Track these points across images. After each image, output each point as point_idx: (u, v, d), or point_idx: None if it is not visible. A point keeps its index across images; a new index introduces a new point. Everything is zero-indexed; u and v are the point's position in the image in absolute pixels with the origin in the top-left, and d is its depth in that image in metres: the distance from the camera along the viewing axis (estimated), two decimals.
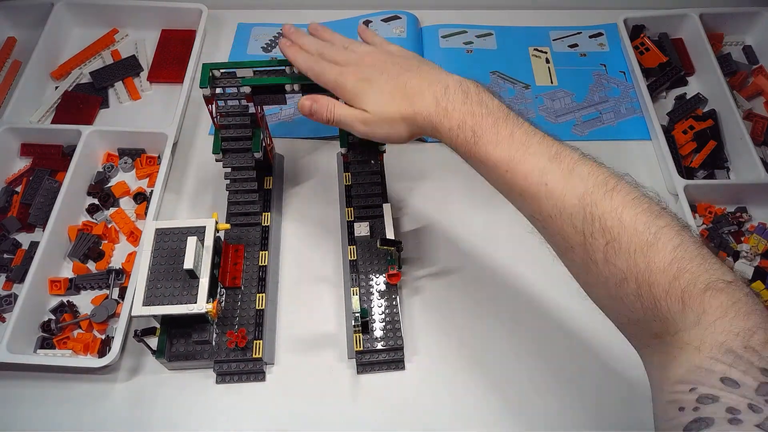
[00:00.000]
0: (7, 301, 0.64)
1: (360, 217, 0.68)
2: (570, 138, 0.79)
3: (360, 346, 0.60)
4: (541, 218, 0.44)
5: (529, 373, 0.61)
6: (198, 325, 0.59)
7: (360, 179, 0.68)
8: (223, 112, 0.64)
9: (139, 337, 0.57)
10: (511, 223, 0.69)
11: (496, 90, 0.82)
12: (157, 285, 0.56)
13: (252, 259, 0.66)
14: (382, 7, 0.90)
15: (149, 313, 0.55)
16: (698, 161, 0.75)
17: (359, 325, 0.58)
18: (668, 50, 0.85)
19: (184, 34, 0.87)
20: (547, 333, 0.64)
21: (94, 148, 0.75)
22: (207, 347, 0.60)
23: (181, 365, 0.60)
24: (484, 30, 0.90)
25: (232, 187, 0.68)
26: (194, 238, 0.56)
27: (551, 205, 0.42)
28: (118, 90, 0.83)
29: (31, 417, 0.59)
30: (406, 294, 0.66)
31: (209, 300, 0.56)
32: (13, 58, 0.86)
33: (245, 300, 0.63)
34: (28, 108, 0.79)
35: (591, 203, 0.41)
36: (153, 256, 0.57)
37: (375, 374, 0.61)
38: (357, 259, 0.65)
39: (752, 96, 0.82)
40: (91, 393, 0.60)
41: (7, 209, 0.71)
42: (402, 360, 0.61)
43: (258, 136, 0.65)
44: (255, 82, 0.59)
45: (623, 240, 0.39)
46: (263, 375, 0.61)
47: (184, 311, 0.55)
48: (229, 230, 0.66)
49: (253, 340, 0.60)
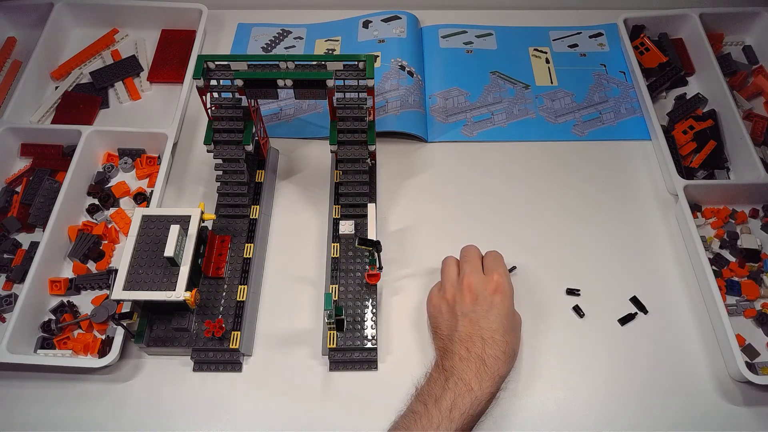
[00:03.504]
0: (7, 301, 0.64)
1: (346, 215, 0.68)
2: (570, 138, 0.79)
3: (333, 343, 0.60)
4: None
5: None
6: (178, 312, 0.60)
7: (349, 177, 0.68)
8: (216, 104, 0.65)
9: (117, 320, 0.58)
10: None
11: (495, 90, 0.83)
12: (139, 271, 0.57)
13: (237, 250, 0.66)
14: (382, 7, 0.90)
15: (129, 297, 0.56)
16: (698, 161, 0.75)
17: (333, 322, 0.59)
18: (668, 50, 0.85)
19: (184, 34, 0.87)
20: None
21: (94, 148, 0.75)
22: (186, 335, 0.60)
23: (159, 351, 0.61)
24: (484, 30, 0.90)
25: (222, 178, 0.68)
26: (177, 227, 0.56)
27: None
28: (118, 90, 0.83)
29: (31, 417, 0.59)
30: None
31: (189, 288, 0.56)
32: (13, 58, 0.86)
33: (227, 291, 0.63)
34: (28, 108, 0.79)
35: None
36: (137, 242, 0.58)
37: (347, 372, 0.61)
38: (339, 257, 0.66)
39: (752, 96, 0.82)
40: (91, 393, 0.60)
41: (7, 209, 0.71)
42: (375, 360, 0.61)
43: (250, 129, 0.66)
44: (248, 75, 0.60)
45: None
46: (240, 366, 0.61)
47: (162, 298, 0.56)
48: (217, 221, 0.68)
49: (232, 331, 0.61)
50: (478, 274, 0.60)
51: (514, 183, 0.75)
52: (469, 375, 0.53)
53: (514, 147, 0.78)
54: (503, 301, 0.58)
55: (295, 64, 0.61)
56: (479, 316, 0.57)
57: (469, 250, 0.64)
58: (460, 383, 0.53)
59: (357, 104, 0.64)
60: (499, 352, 0.55)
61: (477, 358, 0.54)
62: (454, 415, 0.51)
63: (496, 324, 0.56)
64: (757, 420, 0.59)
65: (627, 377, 0.61)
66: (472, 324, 0.57)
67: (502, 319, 0.57)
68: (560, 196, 0.74)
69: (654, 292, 0.66)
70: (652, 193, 0.74)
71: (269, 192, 0.73)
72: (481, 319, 0.57)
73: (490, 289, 0.58)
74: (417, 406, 0.53)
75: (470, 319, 0.57)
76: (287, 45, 0.88)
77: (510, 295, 0.59)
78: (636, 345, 0.63)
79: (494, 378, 0.54)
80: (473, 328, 0.56)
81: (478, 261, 0.62)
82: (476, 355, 0.54)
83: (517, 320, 0.60)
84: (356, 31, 0.88)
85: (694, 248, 0.65)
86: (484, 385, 0.53)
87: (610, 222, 0.72)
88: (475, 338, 0.56)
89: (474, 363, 0.54)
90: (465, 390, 0.53)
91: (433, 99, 0.82)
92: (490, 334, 0.56)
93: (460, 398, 0.52)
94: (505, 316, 0.57)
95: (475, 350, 0.55)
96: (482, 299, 0.58)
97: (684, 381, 0.61)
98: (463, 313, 0.58)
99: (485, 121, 0.80)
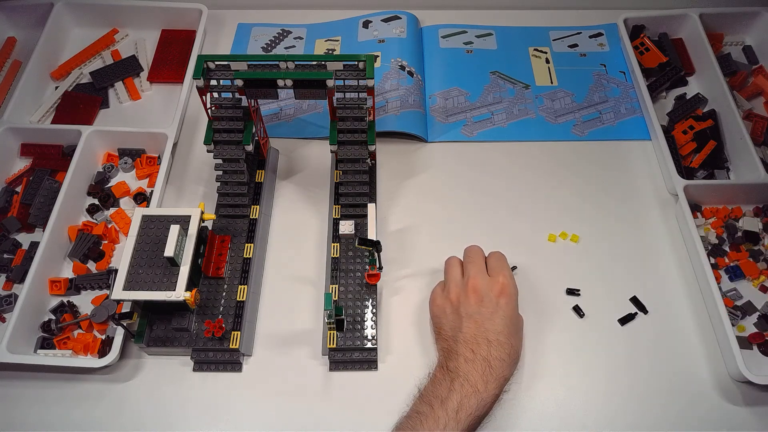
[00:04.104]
0: (7, 302, 0.64)
1: (346, 215, 0.68)
2: (570, 138, 0.79)
3: (333, 343, 0.60)
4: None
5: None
6: (178, 312, 0.60)
7: (349, 177, 0.68)
8: (216, 104, 0.65)
9: (117, 320, 0.57)
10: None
11: (495, 90, 0.83)
12: (139, 270, 0.57)
13: (237, 250, 0.66)
14: (382, 7, 0.90)
15: (129, 297, 0.56)
16: (698, 161, 0.75)
17: (333, 322, 0.59)
18: (668, 50, 0.85)
19: (184, 34, 0.87)
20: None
21: (94, 148, 0.75)
22: (186, 335, 0.61)
23: (159, 351, 0.61)
24: (484, 30, 0.90)
25: (222, 178, 0.68)
26: (177, 227, 0.56)
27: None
28: (118, 90, 0.83)
29: (31, 417, 0.59)
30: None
31: (189, 288, 0.56)
32: (13, 58, 0.86)
33: (228, 291, 0.63)
34: (28, 108, 0.79)
35: None
36: (137, 242, 0.58)
37: (347, 372, 0.61)
38: (339, 257, 0.66)
39: (752, 96, 0.82)
40: (91, 393, 0.60)
41: (7, 209, 0.71)
42: (375, 360, 0.61)
43: (250, 129, 0.66)
44: (248, 75, 0.60)
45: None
46: (240, 366, 0.61)
47: (162, 298, 0.56)
48: (217, 221, 0.68)
49: (232, 331, 0.61)
50: (483, 276, 0.60)
51: (514, 183, 0.75)
52: (475, 376, 0.53)
53: (514, 147, 0.78)
54: (508, 304, 0.58)
55: (295, 64, 0.61)
56: (484, 317, 0.57)
57: (472, 250, 0.63)
58: (466, 384, 0.53)
59: (357, 104, 0.64)
60: (504, 354, 0.55)
61: (483, 360, 0.54)
62: (460, 417, 0.51)
63: (501, 326, 0.56)
64: (757, 420, 0.59)
65: (627, 377, 0.61)
66: (477, 326, 0.57)
67: (507, 322, 0.57)
68: (560, 197, 0.74)
69: (654, 292, 0.66)
70: (652, 193, 0.74)
71: (269, 192, 0.73)
72: (486, 321, 0.57)
73: (496, 291, 0.58)
74: (422, 407, 0.53)
75: (475, 321, 0.57)
76: (287, 45, 0.88)
77: (515, 298, 0.59)
78: (636, 345, 0.63)
79: (499, 380, 0.54)
80: (478, 330, 0.56)
81: (482, 262, 0.62)
82: (482, 357, 0.54)
83: (521, 322, 0.60)
84: (356, 31, 0.88)
85: (694, 248, 0.65)
86: (490, 386, 0.53)
87: (610, 222, 0.72)
88: (480, 340, 0.56)
89: (480, 365, 0.54)
90: (471, 391, 0.53)
91: (433, 99, 0.82)
92: (495, 336, 0.56)
93: (467, 399, 0.52)
94: (509, 318, 0.57)
95: (480, 352, 0.55)
96: (487, 301, 0.58)
97: (684, 381, 0.61)
98: (467, 315, 0.58)
99: (485, 121, 0.80)
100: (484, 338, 0.56)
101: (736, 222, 0.71)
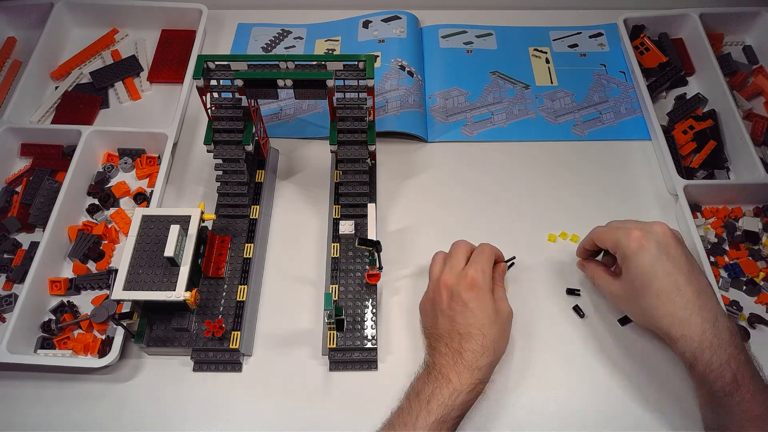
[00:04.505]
0: (7, 302, 0.64)
1: (346, 215, 0.68)
2: (570, 138, 0.79)
3: (333, 343, 0.60)
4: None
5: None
6: (178, 312, 0.60)
7: (349, 177, 0.68)
8: (216, 104, 0.65)
9: (117, 320, 0.58)
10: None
11: (495, 90, 0.83)
12: (139, 270, 0.57)
13: (237, 250, 0.66)
14: (382, 7, 0.90)
15: (129, 297, 0.56)
16: (698, 161, 0.75)
17: (333, 322, 0.59)
18: (668, 50, 0.85)
19: (184, 34, 0.87)
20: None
21: (94, 148, 0.75)
22: (186, 335, 0.61)
23: (159, 351, 0.61)
24: (484, 30, 0.90)
25: (222, 178, 0.68)
26: (177, 227, 0.56)
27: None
28: (118, 90, 0.83)
29: (31, 417, 0.59)
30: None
31: (189, 288, 0.56)
32: (13, 58, 0.86)
33: (228, 291, 0.63)
34: (28, 108, 0.79)
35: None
36: (137, 242, 0.58)
37: (347, 372, 0.62)
38: (339, 257, 0.66)
39: (752, 96, 0.82)
40: (91, 393, 0.60)
41: (7, 209, 0.71)
42: (375, 360, 0.61)
43: (250, 129, 0.66)
44: (248, 75, 0.60)
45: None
46: (240, 366, 0.61)
47: (162, 298, 0.56)
48: (217, 221, 0.68)
49: (232, 331, 0.61)
50: (454, 272, 0.60)
51: (514, 183, 0.75)
52: (446, 368, 0.54)
53: (514, 147, 0.78)
54: (478, 297, 0.58)
55: (295, 64, 0.61)
56: (456, 312, 0.58)
57: (454, 246, 0.64)
58: (439, 376, 0.54)
59: (357, 104, 0.64)
60: (476, 345, 0.55)
61: (455, 352, 0.55)
62: (431, 406, 0.52)
63: (471, 319, 0.57)
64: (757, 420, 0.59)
65: (627, 377, 0.61)
66: (449, 321, 0.58)
67: (479, 314, 0.57)
68: (560, 197, 0.74)
69: None
70: (652, 193, 0.74)
71: (269, 192, 0.73)
72: (458, 316, 0.57)
73: (464, 286, 0.58)
74: (403, 401, 0.55)
75: (447, 317, 0.58)
76: (287, 45, 0.88)
77: (486, 289, 0.59)
78: (636, 345, 0.63)
79: (472, 370, 0.54)
80: (451, 325, 0.57)
81: (460, 257, 0.62)
82: (454, 349, 0.56)
83: (503, 313, 0.59)
84: (356, 31, 0.88)
85: (694, 248, 0.65)
86: (463, 377, 0.54)
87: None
88: (453, 334, 0.57)
89: (452, 357, 0.55)
90: (443, 382, 0.54)
91: (433, 99, 0.82)
92: (466, 329, 0.56)
93: (439, 390, 0.53)
94: (481, 310, 0.57)
95: (453, 345, 0.56)
96: (456, 296, 0.58)
97: (684, 380, 0.61)
98: (441, 311, 0.59)
99: (485, 121, 0.80)
100: (456, 332, 0.57)
101: (736, 222, 0.71)
